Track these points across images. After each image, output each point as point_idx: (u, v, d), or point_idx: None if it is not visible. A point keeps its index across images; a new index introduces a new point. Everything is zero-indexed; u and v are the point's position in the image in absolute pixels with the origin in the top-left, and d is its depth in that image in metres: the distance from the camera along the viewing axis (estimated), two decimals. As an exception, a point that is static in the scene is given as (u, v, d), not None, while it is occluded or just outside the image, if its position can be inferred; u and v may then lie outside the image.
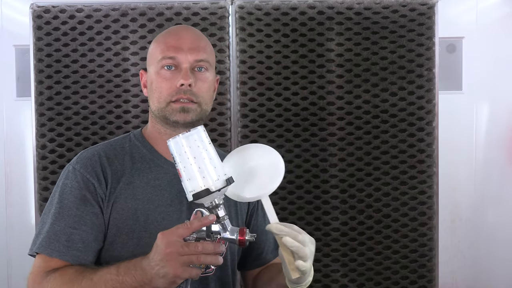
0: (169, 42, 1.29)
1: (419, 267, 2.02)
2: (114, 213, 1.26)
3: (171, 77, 1.28)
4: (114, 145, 1.34)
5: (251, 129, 2.00)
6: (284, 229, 1.11)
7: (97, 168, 1.27)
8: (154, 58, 1.31)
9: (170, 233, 1.07)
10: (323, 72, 2.01)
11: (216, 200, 1.09)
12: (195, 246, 1.05)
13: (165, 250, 1.06)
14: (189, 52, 1.28)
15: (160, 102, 1.29)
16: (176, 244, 1.05)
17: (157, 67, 1.29)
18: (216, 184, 1.07)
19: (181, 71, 1.27)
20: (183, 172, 1.08)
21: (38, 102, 1.99)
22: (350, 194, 2.01)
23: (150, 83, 1.31)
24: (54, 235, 1.23)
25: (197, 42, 1.31)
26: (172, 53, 1.28)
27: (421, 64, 2.00)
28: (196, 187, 1.06)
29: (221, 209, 1.10)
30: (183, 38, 1.30)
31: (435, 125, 2.01)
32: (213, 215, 1.08)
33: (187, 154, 1.07)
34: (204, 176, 1.06)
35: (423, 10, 2.00)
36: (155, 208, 1.27)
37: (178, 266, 1.05)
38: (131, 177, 1.28)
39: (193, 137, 1.08)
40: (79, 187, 1.25)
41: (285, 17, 2.00)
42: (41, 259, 1.24)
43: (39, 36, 1.99)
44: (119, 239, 1.26)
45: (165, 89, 1.28)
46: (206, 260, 1.05)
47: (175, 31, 1.34)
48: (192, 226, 1.06)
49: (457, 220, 2.29)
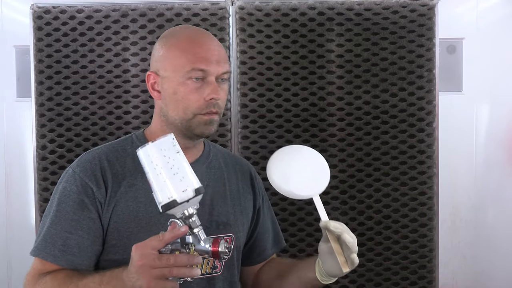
0: (198, 53, 1.26)
1: (419, 268, 2.02)
2: (114, 217, 1.26)
3: (199, 89, 1.26)
4: (116, 147, 1.34)
5: (251, 130, 2.00)
6: (339, 227, 1.21)
7: (97, 172, 1.27)
8: (179, 66, 1.26)
9: (144, 245, 1.06)
10: (323, 73, 2.01)
11: (188, 210, 1.06)
12: (167, 259, 1.03)
13: (137, 262, 1.05)
14: (217, 64, 1.27)
15: (187, 114, 1.27)
16: (149, 256, 1.04)
17: (183, 77, 1.25)
18: (182, 196, 1.04)
19: (208, 83, 1.26)
20: (152, 182, 1.05)
21: (38, 103, 1.99)
22: (350, 195, 2.01)
23: (173, 92, 1.27)
24: (50, 238, 1.24)
25: (222, 54, 1.30)
26: (204, 66, 1.25)
27: (421, 65, 2.00)
28: (164, 198, 1.04)
29: (195, 219, 1.07)
30: (210, 49, 1.28)
31: (435, 126, 2.01)
32: (185, 226, 1.06)
33: (154, 164, 1.05)
34: (171, 187, 1.04)
35: (424, 11, 2.00)
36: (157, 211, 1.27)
37: (151, 279, 1.04)
38: (133, 180, 1.28)
39: (161, 146, 1.06)
40: (77, 192, 1.25)
41: (285, 18, 2.00)
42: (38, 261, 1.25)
43: (39, 36, 1.99)
44: (121, 242, 1.26)
45: (193, 101, 1.26)
46: (179, 273, 1.04)
47: (200, 39, 1.30)
48: (164, 238, 1.05)
49: (457, 221, 2.29)
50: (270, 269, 1.47)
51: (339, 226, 1.21)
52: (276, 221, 1.57)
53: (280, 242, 1.56)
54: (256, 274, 1.49)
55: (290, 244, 2.00)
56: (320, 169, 1.37)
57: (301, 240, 2.00)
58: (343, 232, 1.20)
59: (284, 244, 1.58)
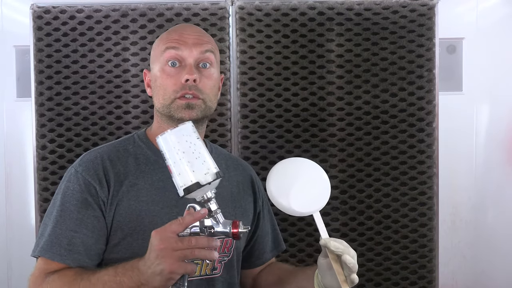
0: (173, 37, 1.30)
1: (419, 268, 2.02)
2: (117, 216, 1.26)
3: (176, 73, 1.28)
4: (117, 147, 1.34)
5: (251, 130, 2.00)
6: (340, 247, 1.17)
7: (99, 171, 1.27)
8: (157, 54, 1.31)
9: (164, 230, 1.07)
10: (323, 73, 2.01)
11: (207, 194, 1.09)
12: (188, 241, 1.05)
13: (159, 246, 1.06)
14: (193, 47, 1.29)
15: (165, 99, 1.28)
16: (170, 239, 1.05)
17: (161, 63, 1.29)
18: (206, 178, 1.07)
19: (186, 67, 1.27)
20: (173, 167, 1.08)
21: (38, 103, 1.99)
22: (350, 195, 2.01)
23: (154, 81, 1.31)
24: (55, 238, 1.23)
25: (201, 37, 1.32)
26: (176, 44, 1.27)
27: (421, 65, 2.00)
28: (187, 181, 1.06)
29: (213, 203, 1.09)
30: (186, 32, 1.31)
31: (435, 126, 2.01)
32: (205, 209, 1.08)
33: (175, 149, 1.08)
34: (194, 170, 1.07)
35: (423, 11, 2.00)
36: (160, 210, 1.27)
37: (173, 261, 1.04)
38: (135, 179, 1.28)
39: (181, 132, 1.09)
40: (80, 190, 1.25)
41: (285, 18, 2.00)
42: (43, 261, 1.24)
43: (39, 36, 1.99)
44: (124, 241, 1.26)
45: (169, 85, 1.28)
46: (200, 255, 1.05)
47: (178, 27, 1.35)
48: (184, 221, 1.06)
49: (457, 221, 2.29)
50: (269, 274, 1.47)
51: (340, 246, 1.18)
52: (276, 224, 1.57)
53: (279, 245, 1.56)
54: (255, 278, 1.49)
55: (290, 244, 2.00)
56: (321, 184, 1.32)
57: (300, 240, 2.00)
58: (344, 253, 1.17)
59: (283, 247, 1.58)
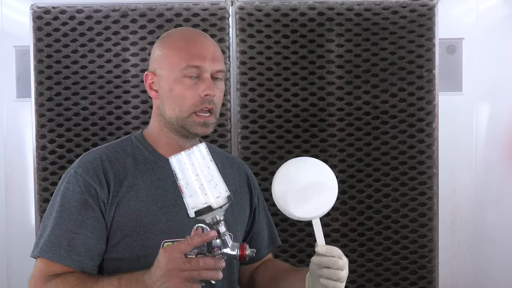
0: (192, 51, 1.28)
1: (419, 268, 2.02)
2: (117, 216, 1.26)
3: (194, 85, 1.28)
4: (115, 147, 1.34)
5: (251, 130, 2.00)
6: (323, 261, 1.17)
7: (99, 172, 1.27)
8: (174, 64, 1.28)
9: (172, 249, 1.08)
10: (323, 73, 2.01)
11: (217, 216, 1.10)
12: (196, 262, 1.07)
13: (167, 265, 1.07)
14: (211, 62, 1.29)
15: (183, 112, 1.28)
16: (178, 260, 1.07)
17: (178, 75, 1.28)
18: (217, 201, 1.08)
19: (203, 80, 1.28)
20: (185, 188, 1.09)
21: (38, 103, 1.99)
22: (350, 195, 2.01)
23: (169, 90, 1.29)
24: (55, 239, 1.23)
25: (217, 52, 1.33)
26: (198, 62, 1.27)
27: (421, 65, 2.00)
28: (198, 204, 1.08)
29: (222, 225, 1.11)
30: (205, 47, 1.30)
31: (435, 126, 2.01)
32: (214, 231, 1.10)
33: (189, 171, 1.08)
34: (206, 193, 1.08)
35: (423, 11, 2.00)
36: (159, 209, 1.28)
37: (180, 281, 1.07)
38: (134, 179, 1.29)
39: (195, 155, 1.09)
40: (80, 191, 1.25)
41: (285, 18, 2.00)
42: (43, 262, 1.24)
43: (39, 37, 1.99)
44: (123, 241, 1.26)
45: (188, 98, 1.27)
46: (207, 276, 1.07)
47: (195, 38, 1.33)
48: (193, 242, 1.08)
49: (457, 221, 2.29)
50: (265, 271, 1.47)
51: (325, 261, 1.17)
52: (271, 220, 1.58)
53: (275, 241, 1.57)
54: (251, 274, 1.50)
55: (290, 244, 2.00)
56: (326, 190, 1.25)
57: (300, 240, 2.00)
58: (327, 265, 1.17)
59: (279, 243, 1.58)
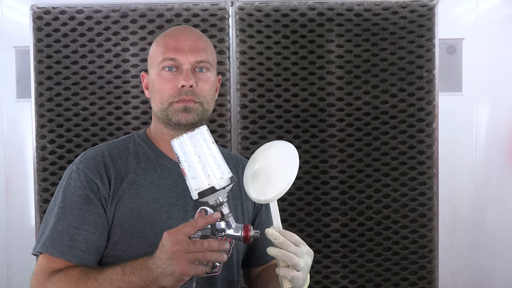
0: (169, 44, 1.30)
1: (419, 269, 2.02)
2: (117, 213, 1.26)
3: (172, 78, 1.28)
4: (118, 145, 1.35)
5: (251, 131, 2.00)
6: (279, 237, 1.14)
7: (101, 168, 1.27)
8: (154, 59, 1.32)
9: (176, 232, 1.08)
10: (323, 74, 2.01)
11: (220, 198, 1.10)
12: (201, 244, 1.06)
13: (171, 248, 1.07)
14: (189, 53, 1.29)
15: (163, 103, 1.29)
16: (183, 242, 1.06)
17: (158, 69, 1.30)
18: (220, 183, 1.08)
19: (182, 72, 1.28)
20: (188, 171, 1.09)
21: (38, 104, 1.99)
22: (350, 195, 2.01)
23: (152, 85, 1.32)
24: (57, 235, 1.23)
25: (196, 43, 1.32)
26: (173, 54, 1.29)
27: (421, 66, 2.00)
28: (201, 185, 1.08)
29: (225, 206, 1.11)
30: (183, 39, 1.31)
31: (435, 126, 2.01)
32: (218, 212, 1.10)
33: (191, 153, 1.09)
34: (209, 174, 1.08)
35: (423, 12, 2.00)
36: (160, 207, 1.28)
37: (185, 263, 1.06)
38: (135, 177, 1.29)
39: (197, 137, 1.10)
40: (82, 187, 1.25)
41: (285, 18, 2.00)
42: (44, 259, 1.24)
43: (39, 37, 1.99)
44: (124, 239, 1.26)
45: (166, 90, 1.28)
46: (212, 257, 1.07)
47: (175, 32, 1.35)
48: (197, 224, 1.08)
49: (457, 222, 2.29)
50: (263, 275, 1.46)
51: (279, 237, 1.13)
52: None
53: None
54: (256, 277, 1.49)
55: (290, 244, 2.00)
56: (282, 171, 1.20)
57: (301, 240, 2.01)
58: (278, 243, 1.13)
59: None
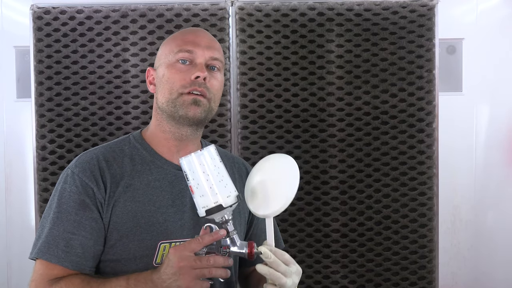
0: (187, 38, 1.31)
1: (419, 269, 2.02)
2: (114, 217, 1.25)
3: (185, 70, 1.29)
4: (113, 147, 1.34)
5: (251, 131, 2.00)
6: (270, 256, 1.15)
7: (96, 172, 1.27)
8: (168, 51, 1.31)
9: (183, 248, 1.11)
10: (323, 74, 2.01)
11: (226, 215, 1.13)
12: (207, 260, 1.10)
13: (178, 263, 1.10)
14: (206, 49, 1.31)
15: (172, 93, 1.28)
16: (189, 258, 1.10)
17: (171, 60, 1.29)
18: (227, 201, 1.12)
19: (196, 66, 1.29)
20: (196, 189, 1.13)
21: (38, 103, 1.99)
22: (350, 195, 2.01)
23: (161, 77, 1.31)
24: (53, 240, 1.23)
25: (213, 43, 1.34)
26: (190, 47, 1.29)
27: (421, 66, 2.00)
28: (209, 203, 1.12)
29: (230, 224, 1.14)
30: (200, 36, 1.33)
31: (435, 126, 2.01)
32: (224, 230, 1.13)
33: (199, 172, 1.13)
34: (216, 193, 1.12)
35: (423, 12, 2.00)
36: (156, 210, 1.27)
37: (191, 279, 1.10)
38: (131, 180, 1.28)
39: (205, 156, 1.14)
40: (78, 192, 1.25)
41: (285, 18, 2.00)
42: (42, 265, 1.23)
43: (39, 37, 1.99)
44: (120, 242, 1.25)
45: (178, 80, 1.28)
46: (217, 273, 1.11)
47: (192, 29, 1.38)
48: (203, 241, 1.11)
49: (457, 222, 2.29)
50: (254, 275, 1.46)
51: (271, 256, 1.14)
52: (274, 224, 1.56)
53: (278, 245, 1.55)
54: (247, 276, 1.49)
55: (290, 244, 2.00)
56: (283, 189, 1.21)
57: (301, 240, 2.01)
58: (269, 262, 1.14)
59: (282, 246, 1.57)
